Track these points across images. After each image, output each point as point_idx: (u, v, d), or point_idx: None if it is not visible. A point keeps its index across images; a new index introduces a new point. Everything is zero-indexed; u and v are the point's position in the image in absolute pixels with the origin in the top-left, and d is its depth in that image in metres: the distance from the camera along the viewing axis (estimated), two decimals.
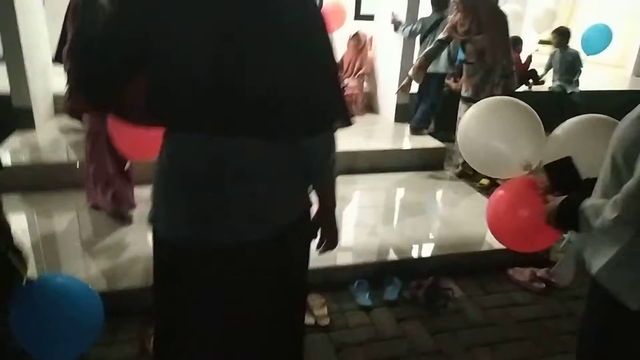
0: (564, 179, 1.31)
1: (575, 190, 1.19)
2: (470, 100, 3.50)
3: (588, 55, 5.79)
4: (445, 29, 3.81)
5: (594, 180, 1.13)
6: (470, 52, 3.70)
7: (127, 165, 2.84)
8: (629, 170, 0.96)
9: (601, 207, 0.99)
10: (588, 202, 1.07)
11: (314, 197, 1.30)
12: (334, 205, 1.32)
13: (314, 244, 1.37)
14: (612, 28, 6.06)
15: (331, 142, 1.19)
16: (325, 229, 1.34)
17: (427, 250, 2.97)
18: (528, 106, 2.41)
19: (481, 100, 2.55)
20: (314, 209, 1.32)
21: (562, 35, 5.55)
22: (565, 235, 2.36)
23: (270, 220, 1.17)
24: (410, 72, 3.87)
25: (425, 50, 3.91)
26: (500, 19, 3.67)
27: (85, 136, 2.85)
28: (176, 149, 1.13)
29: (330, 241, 1.35)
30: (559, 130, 2.16)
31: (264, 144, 1.10)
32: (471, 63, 3.72)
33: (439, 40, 3.82)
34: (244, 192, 1.11)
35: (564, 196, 1.17)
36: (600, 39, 5.79)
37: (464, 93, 3.81)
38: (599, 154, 1.13)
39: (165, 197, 1.17)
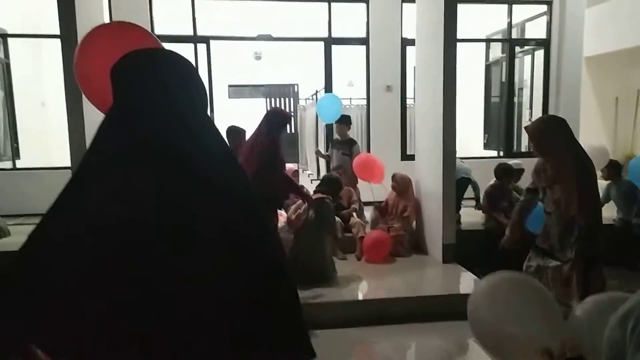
0: None
1: None
2: (546, 254, 3.07)
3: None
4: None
5: None
6: (548, 201, 3.08)
7: None
8: None
9: None
10: None
11: None
12: None
13: None
14: None
15: None
16: None
17: None
18: (542, 286, 2.24)
19: (493, 276, 2.22)
20: None
21: (612, 168, 5.41)
22: None
23: None
24: (507, 233, 3.37)
25: (518, 205, 3.42)
26: (583, 168, 2.94)
27: None
28: None
29: None
30: (578, 310, 1.96)
31: None
32: (549, 213, 3.09)
33: (527, 189, 3.34)
34: None
35: None
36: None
37: (540, 243, 3.18)
38: None
39: None
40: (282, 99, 14.70)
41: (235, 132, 5.04)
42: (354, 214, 5.40)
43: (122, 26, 2.67)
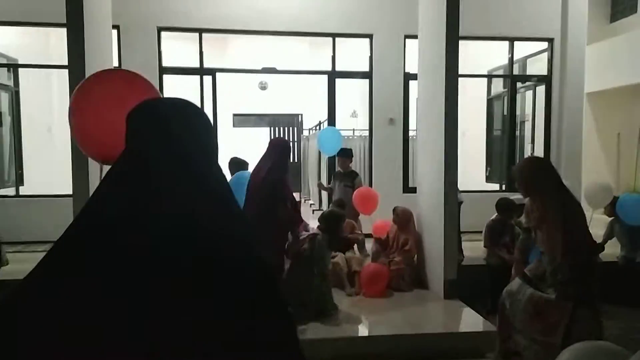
0: None
1: None
2: (529, 283, 3.00)
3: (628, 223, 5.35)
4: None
5: None
6: (539, 241, 3.03)
7: None
8: None
9: None
10: None
11: None
12: None
13: None
14: None
15: None
16: None
17: None
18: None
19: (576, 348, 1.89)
20: None
21: (615, 204, 5.38)
22: None
23: None
24: (512, 272, 3.31)
25: (518, 243, 3.54)
26: (568, 210, 2.88)
27: None
28: None
29: None
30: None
31: None
32: (542, 252, 3.03)
33: (524, 228, 3.38)
34: None
35: None
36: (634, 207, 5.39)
37: (529, 271, 3.13)
38: None
39: None
40: (286, 129, 14.83)
41: (237, 164, 5.08)
42: (355, 246, 5.37)
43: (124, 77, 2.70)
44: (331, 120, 7.40)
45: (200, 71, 7.12)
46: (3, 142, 7.47)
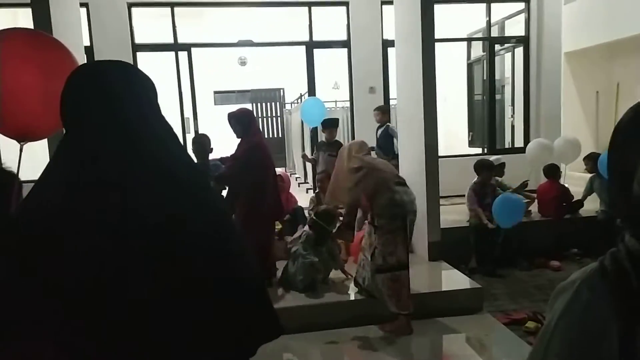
0: None
1: None
2: None
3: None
4: None
5: None
6: None
7: None
8: None
9: None
10: None
11: None
12: None
13: None
14: None
15: None
16: None
17: None
18: None
19: None
20: None
21: (594, 160, 5.48)
22: None
23: None
24: None
25: None
26: None
27: None
28: None
29: None
30: None
31: None
32: None
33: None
34: None
35: None
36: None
37: None
38: None
39: None
40: (269, 104, 14.71)
41: (197, 143, 4.76)
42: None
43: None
44: (312, 91, 7.35)
45: (175, 47, 6.98)
46: None
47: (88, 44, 6.50)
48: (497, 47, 8.11)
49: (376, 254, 3.52)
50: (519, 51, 8.01)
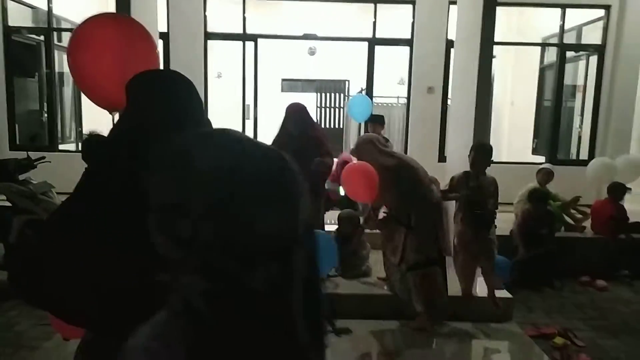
0: None
1: None
2: None
3: None
4: None
5: None
6: None
7: None
8: None
9: None
10: None
11: None
12: None
13: None
14: None
15: None
16: None
17: None
18: None
19: None
20: None
21: None
22: None
23: None
24: None
25: None
26: None
27: None
28: None
29: None
30: None
31: None
32: None
33: None
34: None
35: None
36: None
37: None
38: None
39: None
40: (333, 94, 14.85)
41: None
42: None
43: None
44: (370, 86, 7.43)
45: (243, 37, 7.32)
46: (64, 100, 8.03)
47: (164, 29, 6.96)
48: (571, 53, 7.75)
49: (406, 253, 3.61)
50: (594, 59, 7.61)
